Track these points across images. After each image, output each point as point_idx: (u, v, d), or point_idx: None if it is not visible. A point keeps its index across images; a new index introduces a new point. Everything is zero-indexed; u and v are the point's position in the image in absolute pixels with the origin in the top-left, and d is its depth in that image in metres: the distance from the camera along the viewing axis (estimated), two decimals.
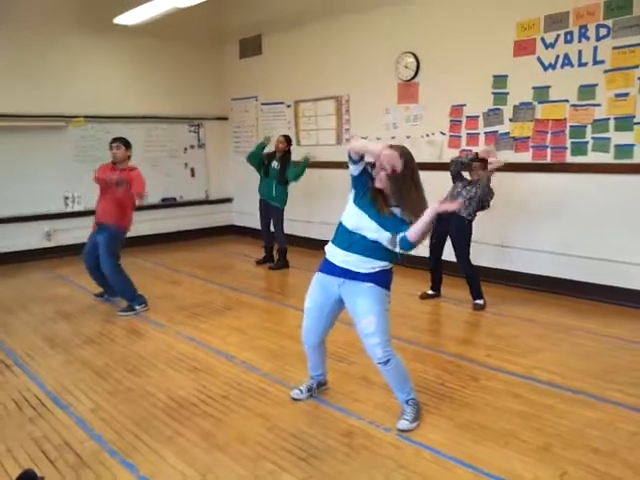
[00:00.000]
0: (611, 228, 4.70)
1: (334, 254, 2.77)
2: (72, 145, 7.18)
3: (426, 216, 2.52)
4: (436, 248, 4.90)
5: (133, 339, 4.21)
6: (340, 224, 2.78)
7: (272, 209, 6.36)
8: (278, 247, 6.44)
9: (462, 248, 4.74)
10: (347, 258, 2.71)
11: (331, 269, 2.78)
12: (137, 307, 4.78)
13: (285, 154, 6.27)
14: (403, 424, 2.76)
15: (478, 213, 4.74)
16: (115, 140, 4.80)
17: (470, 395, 3.15)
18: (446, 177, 4.88)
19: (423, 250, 4.93)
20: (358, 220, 2.68)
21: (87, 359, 3.79)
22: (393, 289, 2.81)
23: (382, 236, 2.62)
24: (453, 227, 4.72)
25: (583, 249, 4.88)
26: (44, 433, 2.80)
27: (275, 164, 6.28)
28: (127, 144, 4.79)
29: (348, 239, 2.71)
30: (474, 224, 4.77)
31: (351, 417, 2.91)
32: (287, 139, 6.32)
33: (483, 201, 4.68)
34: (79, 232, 4.93)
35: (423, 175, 2.71)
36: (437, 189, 3.64)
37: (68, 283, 5.87)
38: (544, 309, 4.70)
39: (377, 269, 2.70)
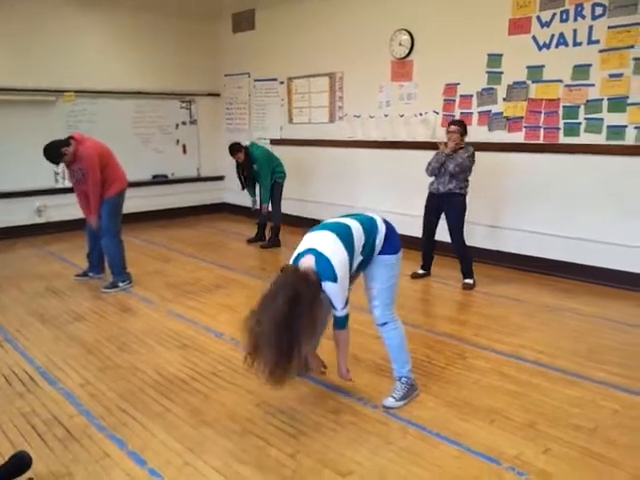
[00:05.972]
0: (601, 209, 4.71)
1: None
2: (62, 120, 7.08)
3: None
4: (429, 226, 4.89)
5: (123, 316, 4.21)
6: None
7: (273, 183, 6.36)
8: (272, 225, 6.44)
9: (456, 225, 4.70)
10: None
11: None
12: (120, 284, 4.79)
13: (246, 160, 6.31)
14: (389, 401, 2.79)
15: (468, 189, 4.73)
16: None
17: (457, 373, 3.18)
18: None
19: (414, 230, 4.97)
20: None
21: (77, 335, 3.79)
22: None
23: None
24: (446, 203, 4.71)
25: (572, 230, 4.90)
26: (33, 408, 2.82)
27: (245, 172, 6.45)
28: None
29: None
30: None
31: (339, 394, 2.93)
32: (239, 148, 6.31)
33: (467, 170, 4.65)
34: (70, 208, 4.88)
35: (416, 154, 2.69)
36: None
37: (59, 260, 5.85)
38: (532, 289, 4.74)
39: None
